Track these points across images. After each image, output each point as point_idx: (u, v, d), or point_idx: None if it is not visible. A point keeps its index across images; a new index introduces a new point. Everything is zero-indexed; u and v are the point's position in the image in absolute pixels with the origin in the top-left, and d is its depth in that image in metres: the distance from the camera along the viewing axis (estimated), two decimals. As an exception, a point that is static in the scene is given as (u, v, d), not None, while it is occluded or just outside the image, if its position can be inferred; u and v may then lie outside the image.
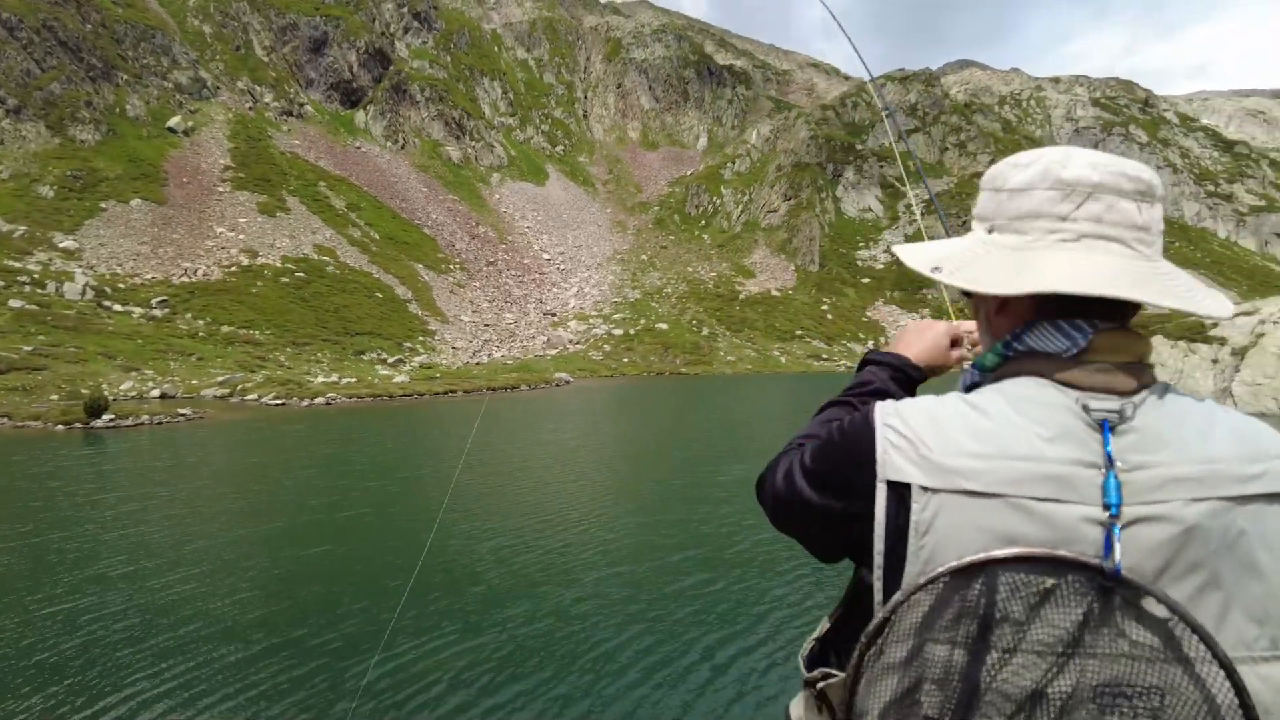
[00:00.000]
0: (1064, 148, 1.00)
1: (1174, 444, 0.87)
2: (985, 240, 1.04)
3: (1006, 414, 0.90)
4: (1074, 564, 0.81)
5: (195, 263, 58.05)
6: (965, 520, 0.86)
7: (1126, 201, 0.95)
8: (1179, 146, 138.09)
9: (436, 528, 10.48)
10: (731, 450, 19.27)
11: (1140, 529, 0.83)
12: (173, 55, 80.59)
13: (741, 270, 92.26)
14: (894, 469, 0.91)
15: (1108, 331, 0.93)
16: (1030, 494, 0.84)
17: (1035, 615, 0.82)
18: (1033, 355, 0.96)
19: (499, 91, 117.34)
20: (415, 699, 5.68)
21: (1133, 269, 0.93)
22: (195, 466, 16.60)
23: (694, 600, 7.84)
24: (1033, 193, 0.99)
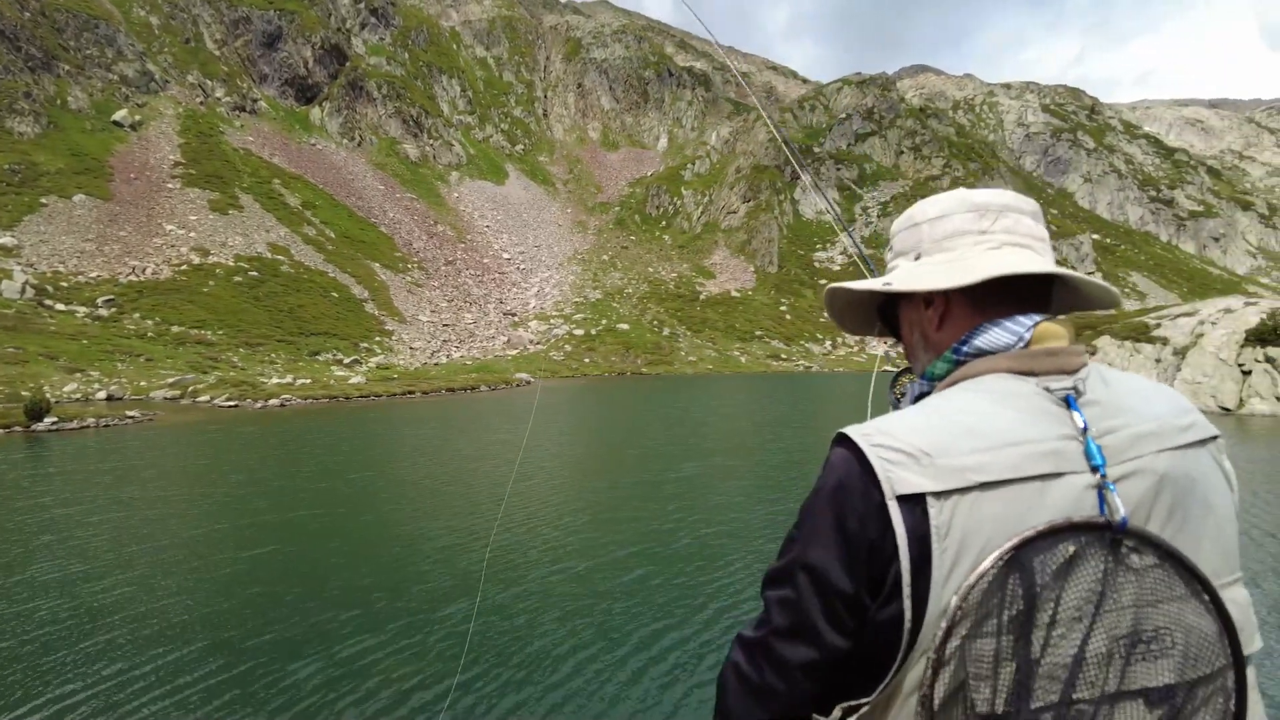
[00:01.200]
0: (965, 189, 1.16)
1: (1127, 408, 0.98)
2: (917, 264, 1.14)
3: (987, 407, 0.95)
4: (1087, 526, 0.87)
5: (144, 261, 56.43)
6: (983, 513, 0.89)
7: (1028, 218, 1.12)
8: (1123, 153, 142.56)
9: (399, 529, 10.36)
10: (683, 448, 19.33)
11: (1126, 484, 0.91)
12: (118, 46, 78.25)
13: (702, 271, 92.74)
14: (902, 483, 0.91)
15: (1043, 322, 1.03)
16: (1035, 472, 0.90)
17: (1065, 583, 0.86)
18: (983, 355, 1.04)
19: (457, 89, 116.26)
20: (350, 697, 5.64)
21: (1044, 261, 1.09)
22: (140, 469, 16.12)
23: (634, 594, 7.89)
24: (952, 217, 1.12)
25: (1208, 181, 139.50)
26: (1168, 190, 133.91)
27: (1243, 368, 31.76)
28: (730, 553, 9.36)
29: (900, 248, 1.20)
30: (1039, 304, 1.09)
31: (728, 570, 8.69)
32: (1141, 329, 35.65)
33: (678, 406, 32.04)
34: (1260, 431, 22.92)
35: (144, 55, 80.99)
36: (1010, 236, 1.10)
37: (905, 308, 1.22)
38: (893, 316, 1.27)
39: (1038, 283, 1.10)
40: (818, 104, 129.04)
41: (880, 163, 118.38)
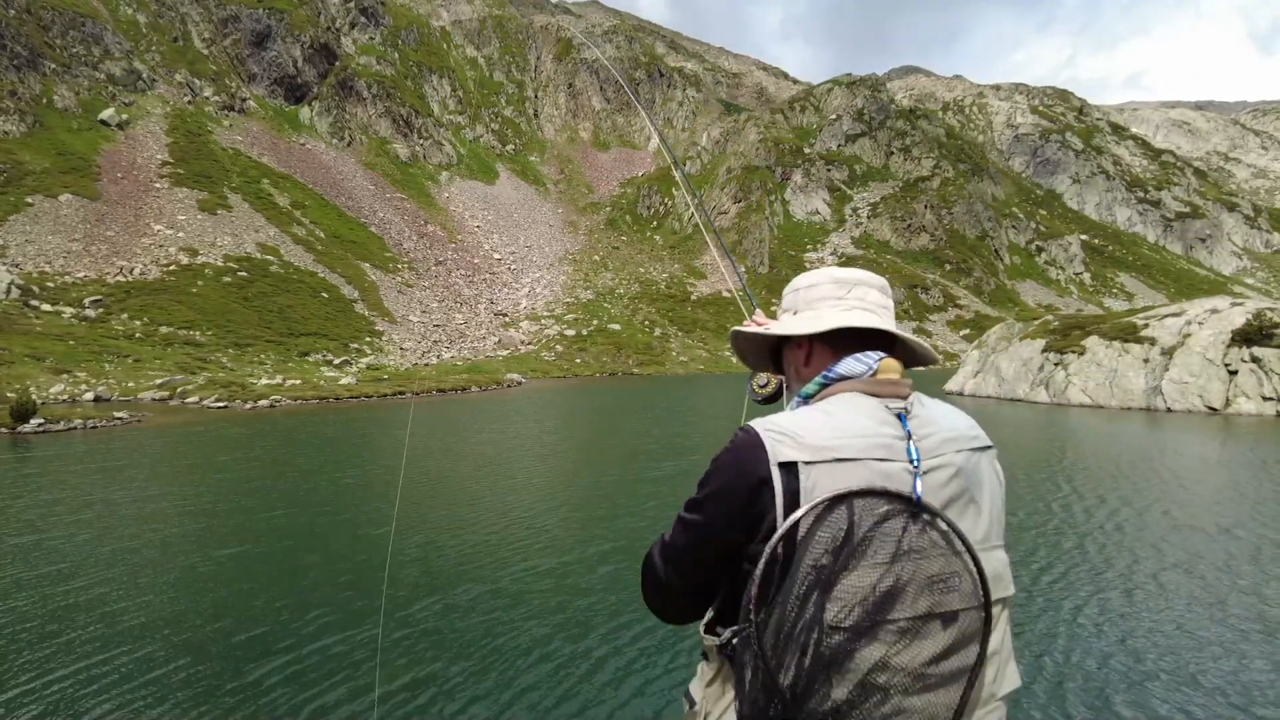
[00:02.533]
0: (832, 267, 1.62)
1: (937, 422, 1.42)
2: (794, 318, 1.61)
3: (846, 411, 1.38)
4: (897, 495, 1.26)
5: (131, 261, 56.00)
6: (836, 479, 1.28)
7: (875, 291, 1.58)
8: (1111, 154, 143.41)
9: (380, 529, 10.32)
10: (667, 446, 19.45)
11: (933, 475, 1.34)
12: (105, 45, 77.65)
13: (693, 271, 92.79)
14: (782, 454, 1.31)
15: (886, 358, 1.48)
16: (873, 456, 1.31)
17: (878, 529, 1.24)
18: (843, 379, 1.47)
19: (448, 89, 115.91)
20: (320, 694, 5.66)
21: (883, 322, 1.53)
22: (124, 470, 15.97)
23: (606, 591, 7.99)
24: (820, 286, 1.59)
25: (1194, 183, 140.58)
26: (1155, 191, 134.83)
27: (1229, 368, 31.99)
28: None
29: (786, 305, 1.65)
30: (885, 345, 1.54)
31: None
32: (1130, 329, 35.87)
33: (665, 406, 32.05)
34: (1246, 431, 23.07)
35: (131, 53, 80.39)
36: (860, 302, 1.55)
37: (786, 350, 1.68)
38: (779, 356, 1.75)
39: (881, 340, 1.54)
40: (808, 105, 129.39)
41: (870, 164, 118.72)
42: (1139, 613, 7.11)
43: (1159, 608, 7.23)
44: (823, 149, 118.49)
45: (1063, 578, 8.16)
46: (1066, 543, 9.55)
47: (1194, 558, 8.91)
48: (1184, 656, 6.15)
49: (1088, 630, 6.66)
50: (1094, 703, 5.37)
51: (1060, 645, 6.34)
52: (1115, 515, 11.03)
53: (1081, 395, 34.09)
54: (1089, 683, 5.66)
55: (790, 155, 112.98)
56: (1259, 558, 8.90)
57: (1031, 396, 35.57)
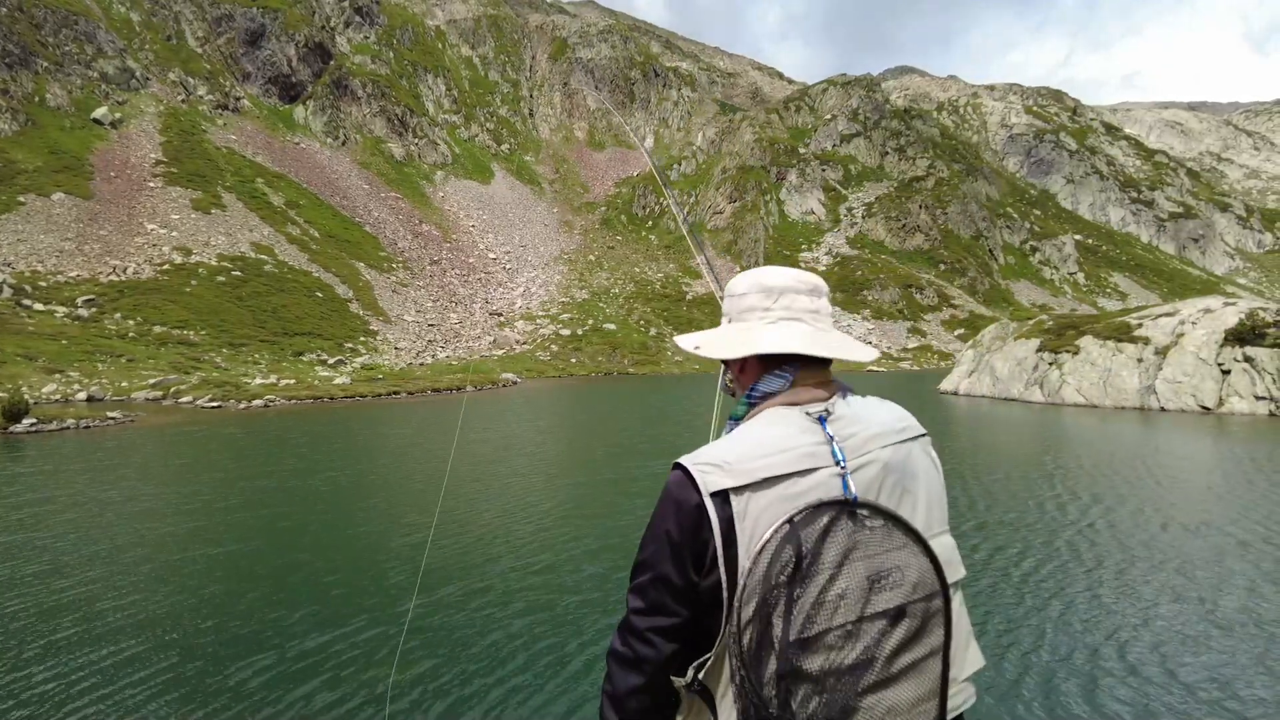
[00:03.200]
0: (765, 268, 1.63)
1: (862, 419, 1.44)
2: (727, 327, 1.63)
3: (767, 429, 1.40)
4: (834, 503, 1.27)
5: (125, 260, 55.79)
6: (768, 499, 1.30)
7: (802, 296, 1.58)
8: (1105, 154, 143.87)
9: (367, 528, 10.31)
10: (657, 446, 19.54)
11: (862, 472, 1.35)
12: (98, 43, 77.35)
13: (688, 271, 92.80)
14: (713, 483, 1.32)
15: (803, 370, 1.50)
16: (798, 468, 1.32)
17: (823, 544, 1.24)
18: (765, 396, 1.50)
19: (443, 88, 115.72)
20: (298, 693, 5.64)
21: (808, 334, 1.52)
22: (115, 469, 15.92)
23: (592, 589, 8.02)
24: (748, 295, 1.60)
25: (1187, 183, 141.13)
26: (1148, 192, 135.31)
27: (1222, 367, 32.12)
28: None
29: (725, 311, 1.67)
30: (806, 357, 1.52)
31: None
32: (1123, 329, 35.98)
33: (660, 405, 32.07)
34: (1238, 431, 23.18)
35: (125, 52, 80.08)
36: (787, 312, 1.56)
37: (729, 362, 1.67)
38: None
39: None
40: (803, 105, 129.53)
41: (865, 164, 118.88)
42: (1126, 609, 7.16)
43: (1148, 604, 7.28)
44: (818, 149, 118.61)
45: (1051, 575, 8.20)
46: (1057, 541, 9.60)
47: (1182, 555, 8.98)
48: (1167, 650, 6.18)
49: (1075, 626, 6.71)
50: (1084, 695, 5.42)
51: (1048, 641, 6.39)
52: (1109, 514, 11.09)
53: (1076, 395, 34.20)
54: (1076, 677, 5.69)
55: (785, 155, 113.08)
56: (1246, 555, 8.97)
57: (1026, 396, 35.68)
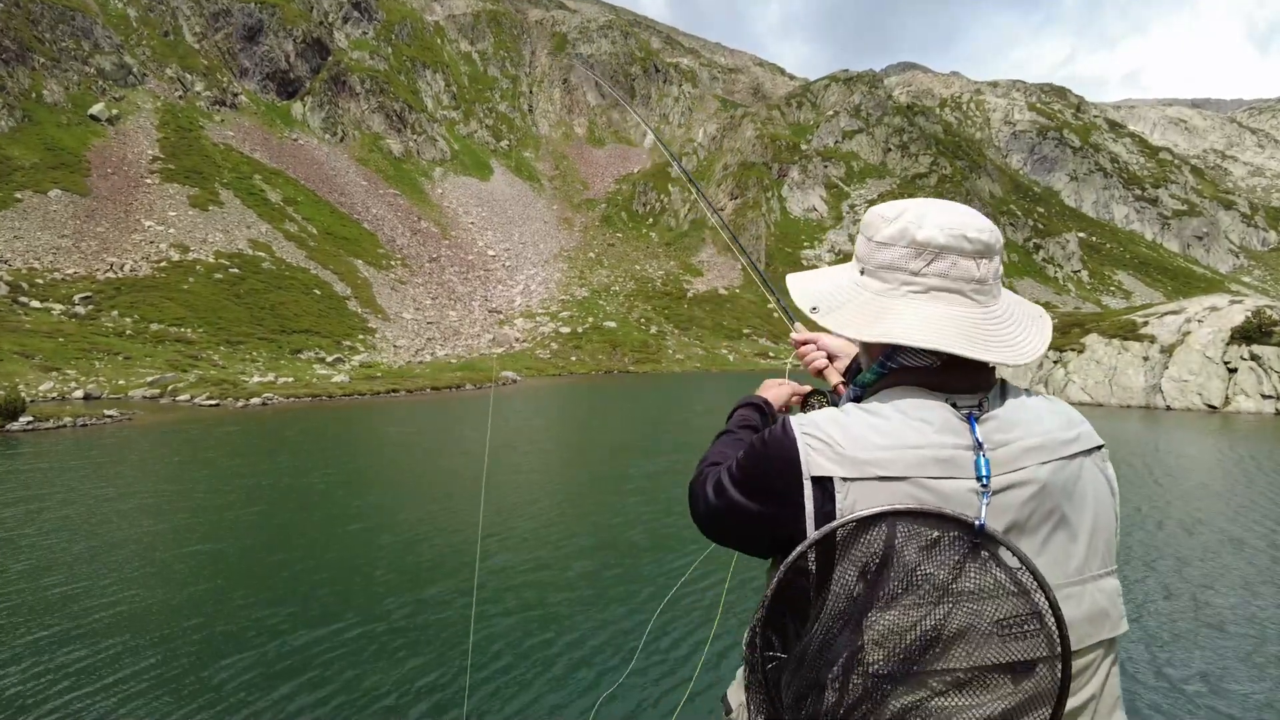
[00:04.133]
0: (922, 205, 1.25)
1: (1021, 424, 1.14)
2: (857, 282, 1.28)
3: (899, 416, 1.13)
4: (953, 520, 1.03)
5: (121, 258, 55.44)
6: (880, 500, 1.06)
7: (967, 260, 1.19)
8: (1109, 152, 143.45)
9: (358, 525, 10.03)
10: (656, 444, 19.68)
11: (1008, 494, 1.08)
12: (94, 39, 76.88)
13: (689, 268, 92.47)
14: (816, 466, 1.10)
15: None
16: (927, 474, 1.07)
17: (924, 558, 1.02)
18: (904, 370, 1.21)
19: (442, 84, 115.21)
20: (280, 690, 5.60)
21: (966, 318, 1.18)
22: (109, 467, 15.73)
23: (583, 585, 8.07)
24: (893, 248, 1.22)
25: (1191, 181, 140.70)
26: (1152, 189, 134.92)
27: (1228, 365, 31.85)
28: (679, 544, 9.67)
29: (858, 249, 1.32)
30: None
31: (669, 561, 8.94)
32: (1129, 327, 35.72)
33: (659, 404, 31.81)
34: (1244, 429, 22.97)
35: (121, 48, 79.62)
36: (941, 280, 1.19)
37: None
38: None
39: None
40: (805, 101, 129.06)
41: (868, 160, 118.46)
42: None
43: (1140, 601, 7.23)
44: (820, 145, 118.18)
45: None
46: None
47: (1177, 553, 8.99)
48: (1158, 647, 6.18)
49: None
50: None
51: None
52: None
53: (1081, 393, 33.88)
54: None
55: (787, 152, 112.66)
56: (1241, 552, 8.89)
57: (1031, 394, 35.44)
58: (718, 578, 8.05)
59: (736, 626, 6.65)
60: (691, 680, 5.53)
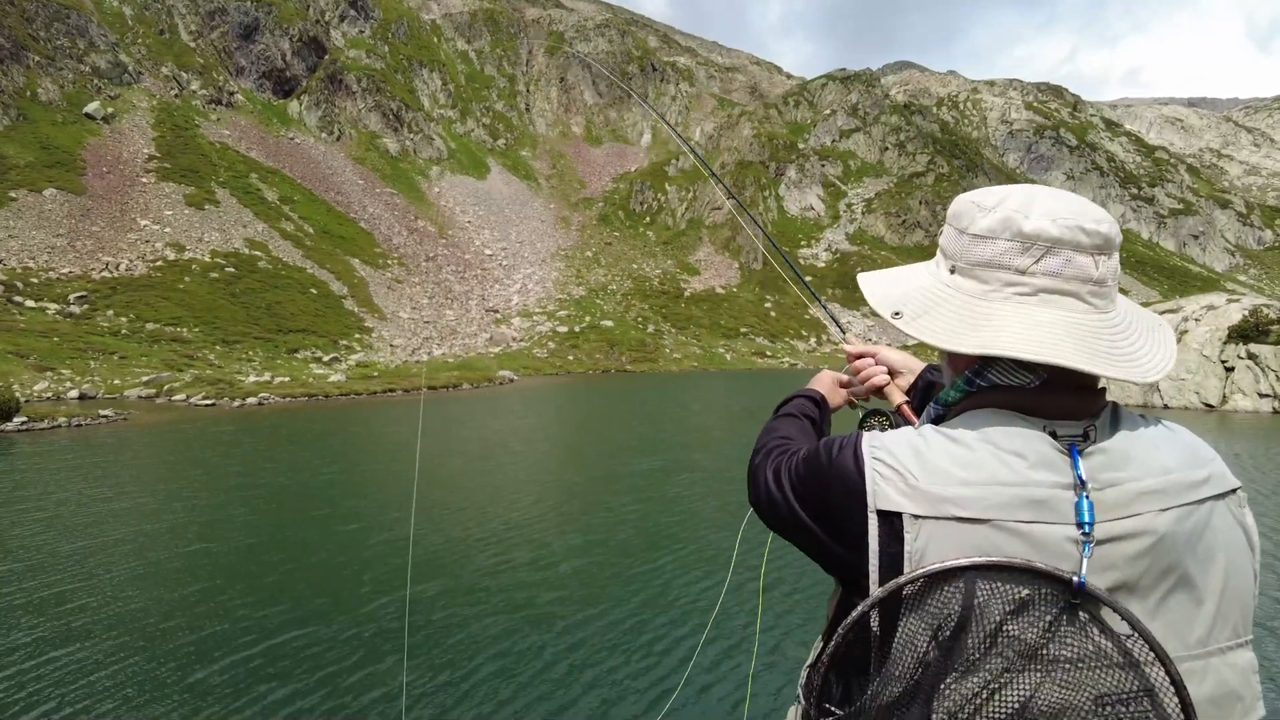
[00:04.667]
0: (1027, 191, 1.04)
1: (1136, 460, 0.94)
2: (947, 282, 1.08)
3: (987, 446, 0.94)
4: (1046, 576, 0.86)
5: (117, 257, 55.27)
6: (956, 546, 0.89)
7: (1084, 256, 0.99)
8: (1105, 151, 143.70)
9: (353, 526, 9.98)
10: (651, 443, 19.61)
11: (1117, 546, 0.89)
12: (90, 37, 76.63)
13: (686, 267, 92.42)
14: (885, 499, 0.94)
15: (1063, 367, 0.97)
16: (1015, 517, 0.89)
17: (1010, 621, 0.86)
18: (996, 389, 1.02)
19: (438, 83, 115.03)
20: (256, 690, 5.62)
21: (1083, 325, 0.98)
22: (107, 468, 15.64)
23: (568, 585, 8.06)
24: (994, 241, 1.01)
25: (1187, 180, 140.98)
26: (1149, 188, 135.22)
27: (1226, 364, 31.88)
28: (671, 543, 9.70)
29: (945, 247, 1.11)
30: None
31: (660, 560, 8.95)
32: (1127, 326, 35.75)
33: (656, 403, 31.77)
34: (1241, 428, 23.03)
35: (117, 46, 79.38)
36: (1052, 281, 0.99)
37: None
38: None
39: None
40: (802, 100, 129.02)
41: (865, 159, 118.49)
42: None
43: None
44: (817, 144, 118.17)
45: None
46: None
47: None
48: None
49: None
50: None
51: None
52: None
53: (1078, 392, 33.93)
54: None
55: (784, 151, 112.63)
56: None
57: (1028, 394, 35.47)
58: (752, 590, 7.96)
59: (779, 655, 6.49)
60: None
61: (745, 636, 6.60)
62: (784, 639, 6.57)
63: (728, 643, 6.46)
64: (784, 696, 5.43)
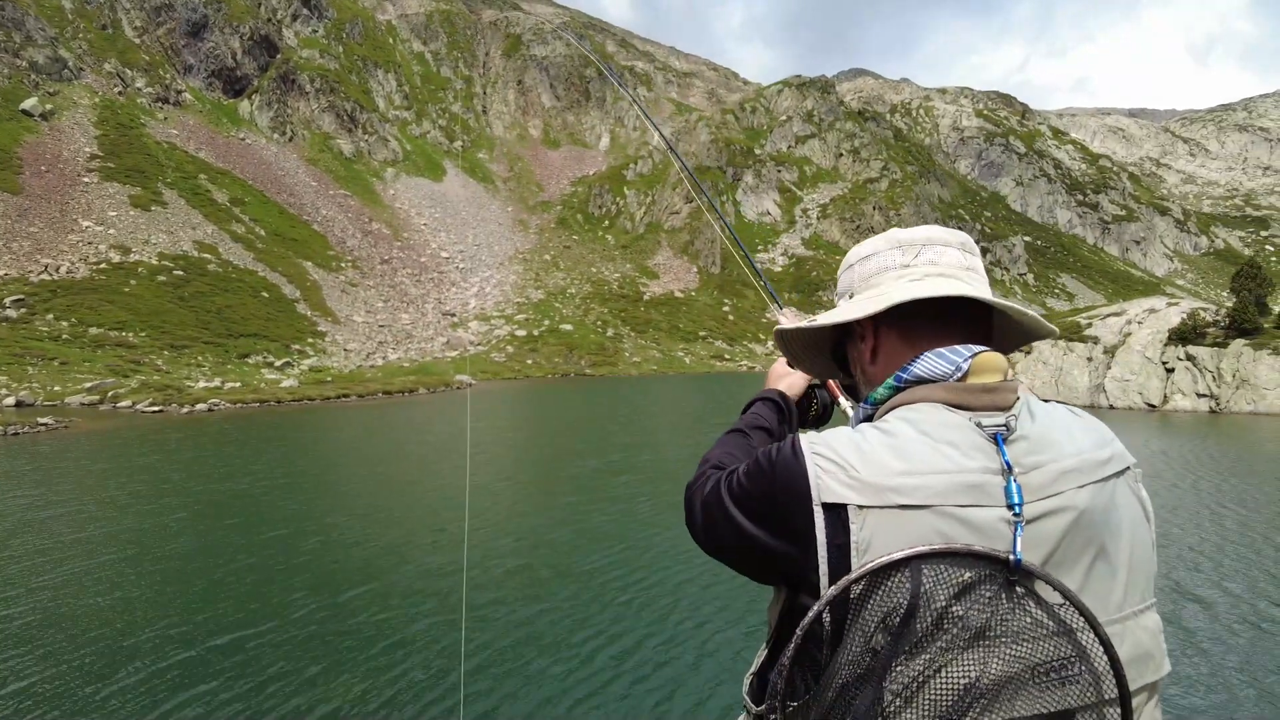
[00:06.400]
0: (892, 230, 1.25)
1: (1054, 443, 1.02)
2: (850, 302, 1.23)
3: (920, 436, 1.00)
4: (986, 557, 0.91)
5: (57, 259, 53.37)
6: (900, 533, 0.94)
7: (953, 250, 1.18)
8: (1052, 158, 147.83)
9: (277, 531, 9.79)
10: (597, 446, 19.69)
11: (1044, 523, 0.96)
12: (26, 30, 74.00)
13: (645, 271, 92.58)
14: (829, 492, 0.98)
15: (982, 354, 1.07)
16: (954, 502, 0.95)
17: (954, 603, 0.90)
18: (921, 383, 1.09)
19: (394, 84, 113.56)
20: (200, 694, 5.63)
21: (959, 286, 1.12)
22: (39, 475, 15.08)
23: (501, 585, 8.18)
24: (879, 255, 1.21)
25: (1129, 187, 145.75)
26: (1093, 195, 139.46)
27: (1166, 365, 32.97)
28: (608, 541, 9.95)
29: (840, 289, 1.28)
30: (979, 337, 1.14)
31: (598, 556, 9.18)
32: (1074, 328, 36.76)
33: (606, 406, 31.74)
34: (1181, 427, 23.87)
35: (56, 41, 76.77)
36: (933, 268, 1.15)
37: (850, 347, 1.29)
38: (844, 358, 1.33)
39: (974, 316, 1.15)
40: (758, 106, 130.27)
41: (820, 165, 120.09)
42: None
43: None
44: (773, 150, 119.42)
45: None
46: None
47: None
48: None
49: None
50: None
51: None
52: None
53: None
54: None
55: (741, 156, 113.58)
56: (1164, 552, 9.17)
57: (979, 395, 36.28)
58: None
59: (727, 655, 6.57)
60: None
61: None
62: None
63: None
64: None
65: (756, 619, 7.12)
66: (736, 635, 6.87)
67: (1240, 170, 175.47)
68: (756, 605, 7.42)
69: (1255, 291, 34.36)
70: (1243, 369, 30.67)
